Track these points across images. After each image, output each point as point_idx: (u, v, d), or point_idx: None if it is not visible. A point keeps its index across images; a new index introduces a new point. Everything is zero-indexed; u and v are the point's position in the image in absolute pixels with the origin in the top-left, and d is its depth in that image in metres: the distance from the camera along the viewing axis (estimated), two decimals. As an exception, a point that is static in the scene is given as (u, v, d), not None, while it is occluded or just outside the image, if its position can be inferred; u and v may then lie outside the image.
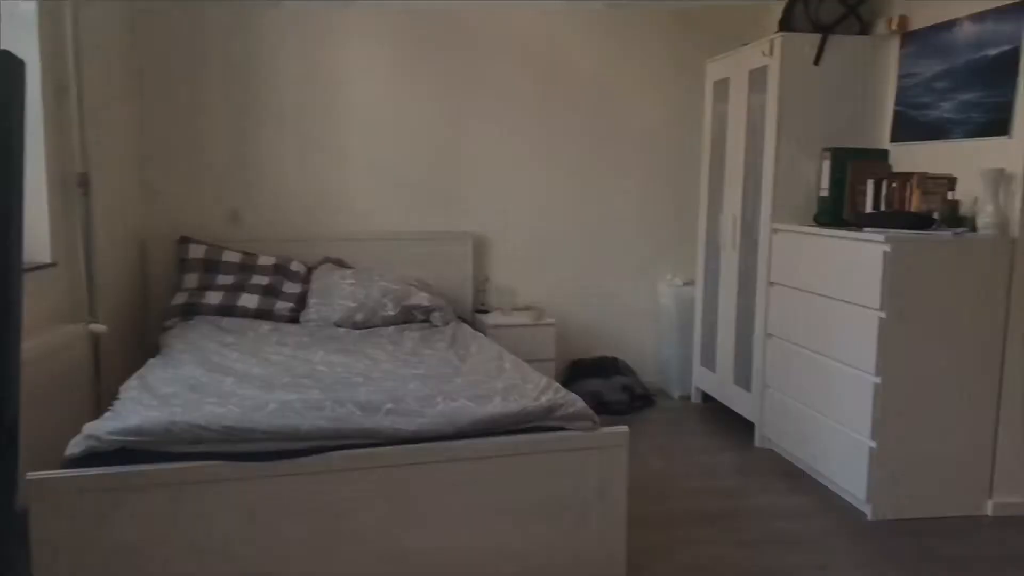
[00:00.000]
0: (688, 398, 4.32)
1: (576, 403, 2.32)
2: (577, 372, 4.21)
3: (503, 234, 4.28)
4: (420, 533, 2.15)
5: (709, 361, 4.08)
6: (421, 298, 3.61)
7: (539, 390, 2.41)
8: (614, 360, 4.32)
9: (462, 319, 3.81)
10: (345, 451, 2.08)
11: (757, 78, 3.56)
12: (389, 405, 2.23)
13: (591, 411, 2.32)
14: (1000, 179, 2.78)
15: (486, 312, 4.12)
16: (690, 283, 4.33)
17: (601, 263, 4.40)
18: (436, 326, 3.53)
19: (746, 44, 3.70)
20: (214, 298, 3.50)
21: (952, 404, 2.81)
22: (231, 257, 3.72)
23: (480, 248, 4.24)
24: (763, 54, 3.48)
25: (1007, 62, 2.79)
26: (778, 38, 3.37)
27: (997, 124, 2.83)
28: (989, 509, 2.87)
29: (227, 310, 3.46)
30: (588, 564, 2.30)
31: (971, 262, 2.76)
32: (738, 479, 3.21)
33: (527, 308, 4.06)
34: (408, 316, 3.58)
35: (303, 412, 2.13)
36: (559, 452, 2.26)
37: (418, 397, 2.32)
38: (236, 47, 3.89)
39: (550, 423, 2.29)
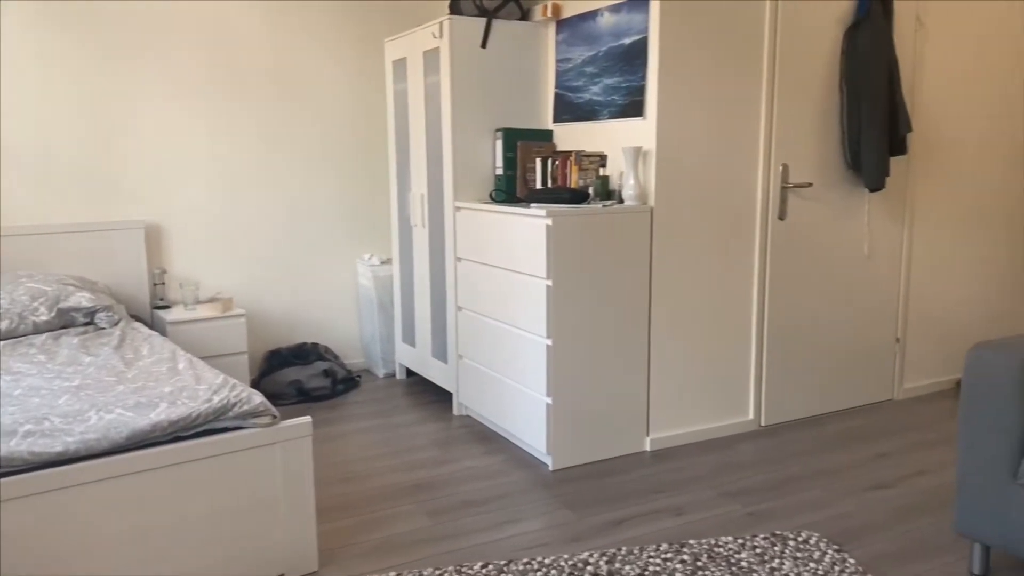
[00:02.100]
0: (393, 376, 4.38)
1: (253, 399, 2.23)
2: (275, 362, 4.07)
3: (182, 222, 3.97)
4: (89, 563, 1.94)
5: (410, 337, 4.16)
6: (81, 298, 3.24)
7: (212, 390, 2.27)
8: (314, 345, 4.24)
9: (137, 318, 3.49)
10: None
11: (431, 59, 3.65)
12: (28, 427, 1.97)
13: (270, 406, 2.25)
14: (639, 155, 3.13)
15: (167, 308, 3.81)
16: (388, 262, 4.37)
17: (295, 247, 4.27)
18: (103, 328, 3.19)
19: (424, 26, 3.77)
20: None
21: (612, 358, 3.14)
22: None
23: (155, 238, 3.90)
24: (433, 36, 3.58)
25: (640, 50, 3.14)
26: (447, 21, 3.48)
27: (634, 106, 3.18)
28: (648, 445, 3.27)
29: None
30: (278, 563, 2.24)
31: (620, 231, 3.09)
32: (436, 450, 3.33)
33: (213, 300, 3.82)
34: (68, 320, 3.19)
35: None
36: (237, 452, 2.16)
37: (66, 413, 2.07)
38: None
39: (227, 423, 2.18)
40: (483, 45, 3.54)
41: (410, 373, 4.35)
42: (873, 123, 3.39)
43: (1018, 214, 4.18)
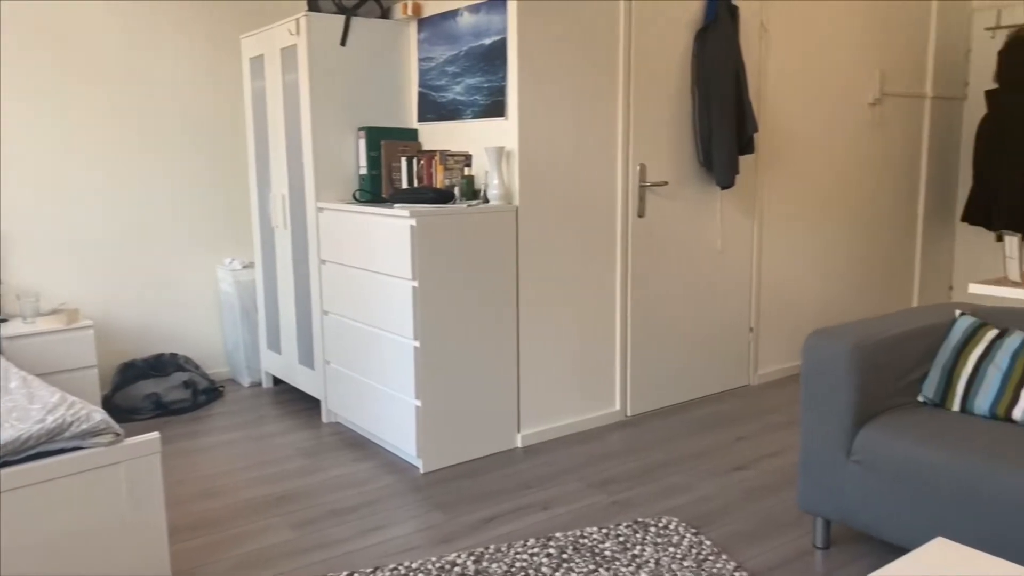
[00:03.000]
0: (259, 384, 4.23)
1: (93, 417, 2.08)
2: (130, 375, 3.83)
3: (20, 230, 3.67)
4: None
5: (275, 344, 4.03)
6: (-103, 315, 2.93)
7: (47, 409, 2.11)
8: (173, 356, 4.02)
9: (-34, 334, 3.20)
10: None
11: (289, 56, 3.54)
12: None
13: (112, 423, 2.11)
14: (502, 155, 3.16)
15: (3, 322, 3.51)
16: (250, 266, 4.21)
17: (151, 253, 4.04)
18: (-76, 347, 2.91)
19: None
20: None
21: (481, 357, 3.15)
22: None
23: (-12, 247, 3.59)
24: (290, 33, 3.47)
25: (500, 51, 3.16)
26: (304, 17, 3.38)
27: (496, 106, 3.20)
28: (519, 442, 3.31)
29: None
30: (126, 588, 2.11)
31: (485, 230, 3.10)
32: (304, 459, 3.23)
33: (56, 311, 3.56)
34: None
35: None
36: (77, 475, 2.02)
37: None
38: None
39: (65, 444, 2.03)
40: (343, 43, 3.47)
41: (277, 381, 4.21)
42: (723, 124, 3.57)
43: (855, 209, 4.51)
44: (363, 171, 3.53)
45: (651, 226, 3.59)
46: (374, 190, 3.51)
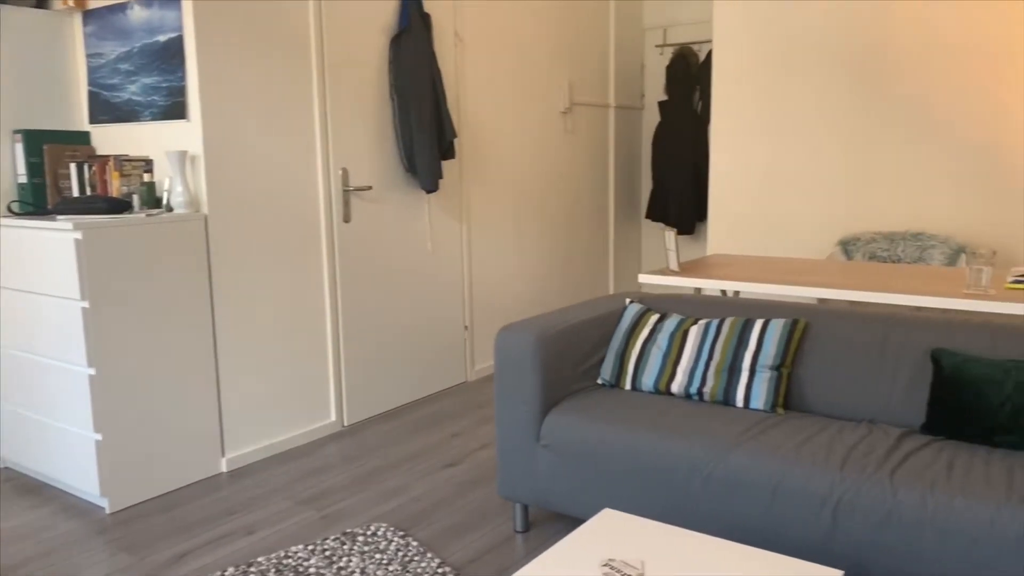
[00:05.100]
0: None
1: None
2: None
3: None
4: None
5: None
6: None
7: None
8: None
9: None
10: None
11: (-85, 46, 3.01)
12: None
13: None
14: (185, 160, 2.94)
15: None
16: None
17: None
18: None
19: None
20: None
21: (174, 379, 2.91)
22: None
23: None
24: (-86, 17, 2.95)
25: (177, 48, 2.94)
26: (-69, 0, 2.89)
27: (177, 107, 2.98)
28: (224, 466, 3.10)
29: None
30: None
31: (171, 241, 2.86)
32: (-42, 516, 2.77)
33: None
34: None
35: None
36: None
37: None
38: None
39: None
40: (-14, 32, 3.02)
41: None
42: (422, 129, 3.63)
43: (555, 209, 4.84)
44: (22, 179, 3.10)
45: (358, 231, 3.56)
46: (37, 201, 3.10)
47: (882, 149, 3.80)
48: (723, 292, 3.36)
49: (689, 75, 5.06)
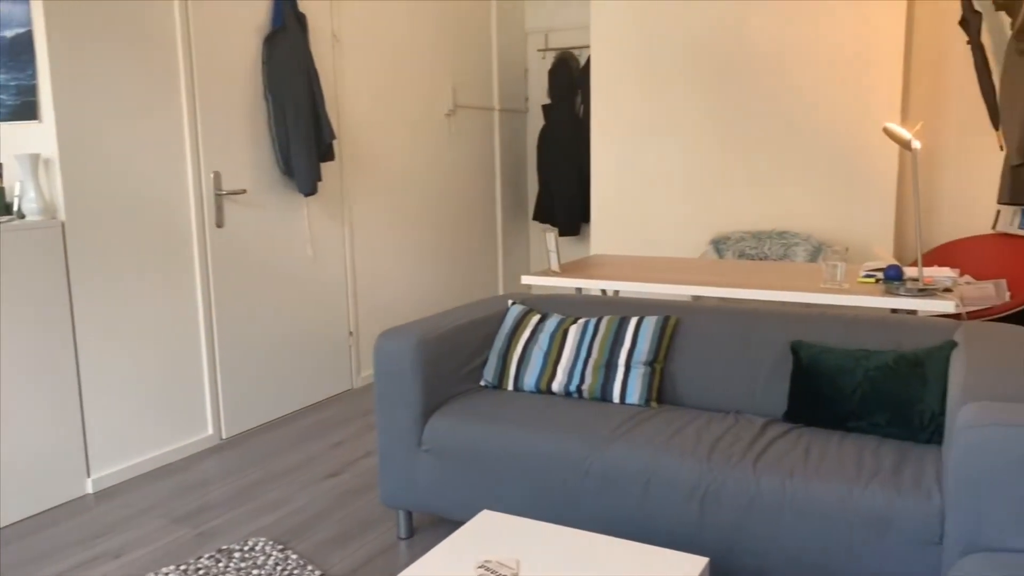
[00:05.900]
0: None
1: None
2: None
3: None
4: None
5: None
6: None
7: None
8: None
9: None
10: None
11: None
12: None
13: None
14: (38, 163, 2.75)
15: None
16: None
17: None
18: None
19: None
20: None
21: (29, 399, 2.72)
22: None
23: None
24: None
25: (27, 44, 2.75)
26: None
27: (27, 108, 2.78)
28: (90, 487, 2.93)
29: None
30: None
31: (22, 251, 2.68)
32: None
33: None
34: None
35: None
36: None
37: None
38: None
39: None
40: None
41: None
42: (299, 131, 3.55)
43: (441, 211, 4.83)
44: None
45: (233, 236, 3.43)
46: None
47: (750, 150, 3.99)
48: (603, 292, 3.44)
49: (571, 80, 5.15)
